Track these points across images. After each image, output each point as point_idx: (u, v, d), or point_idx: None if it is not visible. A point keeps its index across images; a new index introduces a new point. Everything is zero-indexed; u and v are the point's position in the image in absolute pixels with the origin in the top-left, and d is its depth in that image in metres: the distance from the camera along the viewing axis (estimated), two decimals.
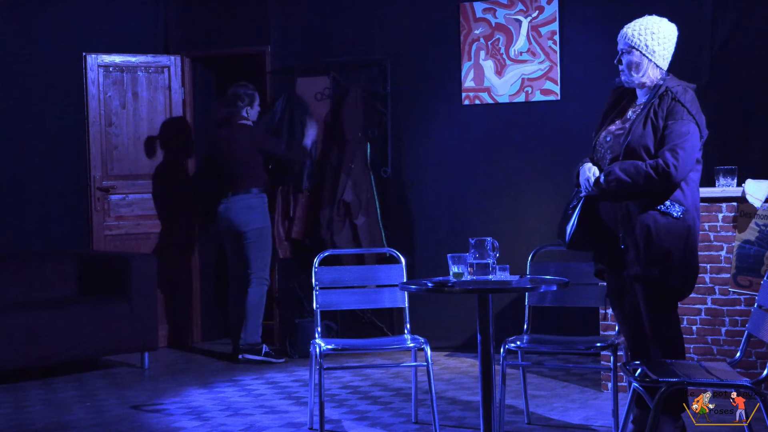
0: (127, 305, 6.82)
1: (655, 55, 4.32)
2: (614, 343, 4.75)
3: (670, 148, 4.18)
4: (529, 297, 5.20)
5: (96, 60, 7.67)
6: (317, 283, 5.18)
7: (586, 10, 6.92)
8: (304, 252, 7.43)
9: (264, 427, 5.20)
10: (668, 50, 4.36)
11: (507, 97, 7.13)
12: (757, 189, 5.40)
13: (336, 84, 7.53)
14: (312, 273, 5.20)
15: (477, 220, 7.17)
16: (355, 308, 5.43)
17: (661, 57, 4.33)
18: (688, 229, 4.27)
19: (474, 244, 4.19)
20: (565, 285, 4.26)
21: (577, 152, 6.55)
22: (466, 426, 5.14)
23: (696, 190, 4.33)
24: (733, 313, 5.49)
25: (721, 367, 4.13)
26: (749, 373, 5.18)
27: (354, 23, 7.58)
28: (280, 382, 6.34)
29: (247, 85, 7.19)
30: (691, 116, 4.21)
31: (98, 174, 7.69)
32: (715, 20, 6.49)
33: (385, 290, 5.34)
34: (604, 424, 5.04)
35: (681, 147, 4.17)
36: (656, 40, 4.33)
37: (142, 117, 7.83)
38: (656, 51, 4.32)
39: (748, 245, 5.46)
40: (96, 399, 6.01)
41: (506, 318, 6.64)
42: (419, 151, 7.41)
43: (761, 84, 6.38)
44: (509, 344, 4.88)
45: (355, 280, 5.35)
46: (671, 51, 4.37)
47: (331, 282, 5.26)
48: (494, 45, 7.14)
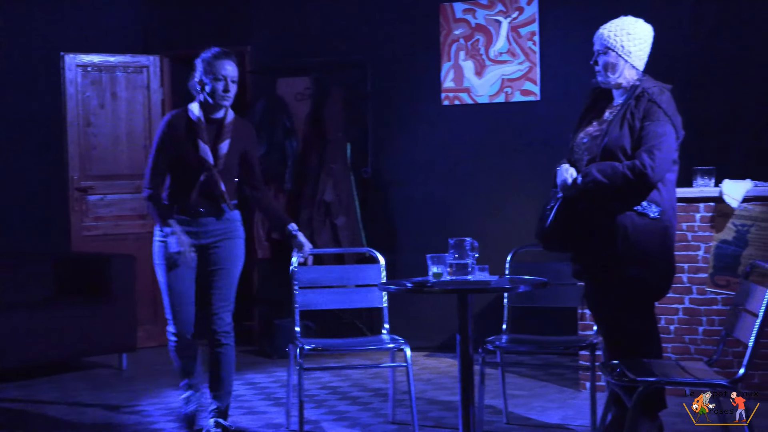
0: (106, 306, 6.79)
1: (631, 56, 4.33)
2: (592, 343, 4.78)
3: (647, 149, 4.19)
4: (508, 297, 5.22)
5: (74, 60, 7.64)
6: (296, 282, 5.17)
7: (565, 11, 6.95)
8: (284, 252, 7.41)
9: (243, 429, 5.19)
10: (644, 51, 4.38)
11: (487, 97, 7.14)
12: (734, 189, 5.43)
13: (317, 84, 7.52)
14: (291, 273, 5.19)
15: (456, 221, 7.18)
16: (335, 308, 5.42)
17: (637, 58, 4.35)
18: (665, 230, 4.28)
19: (453, 245, 4.20)
20: (543, 285, 4.28)
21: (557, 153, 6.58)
22: (445, 426, 5.15)
23: (673, 191, 4.35)
24: (711, 313, 5.53)
25: (699, 367, 4.16)
26: (726, 373, 5.21)
27: (335, 23, 7.58)
28: (260, 383, 6.33)
29: None
30: (667, 117, 4.23)
31: (76, 174, 7.66)
32: (693, 21, 6.53)
33: (363, 290, 5.34)
34: (583, 424, 5.06)
35: (657, 148, 4.19)
36: (632, 41, 4.33)
37: (120, 117, 7.81)
38: (632, 52, 4.33)
39: (726, 245, 5.49)
40: (74, 400, 5.98)
41: (485, 318, 6.65)
42: (399, 152, 7.42)
43: (739, 85, 6.43)
44: (488, 344, 4.89)
45: (334, 280, 5.34)
46: (647, 52, 4.39)
47: (311, 282, 5.25)
48: (474, 45, 7.16)
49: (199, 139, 4.82)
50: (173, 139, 4.83)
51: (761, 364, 5.38)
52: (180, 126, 4.84)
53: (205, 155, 4.81)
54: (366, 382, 6.28)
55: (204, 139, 4.82)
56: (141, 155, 7.85)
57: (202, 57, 4.85)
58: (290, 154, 7.39)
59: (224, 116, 4.89)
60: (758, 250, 5.39)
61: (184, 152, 4.82)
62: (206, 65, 4.82)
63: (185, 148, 4.82)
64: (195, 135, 4.83)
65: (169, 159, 4.84)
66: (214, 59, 4.81)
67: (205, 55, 4.85)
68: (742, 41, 6.42)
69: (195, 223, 4.88)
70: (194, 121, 4.84)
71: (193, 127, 4.84)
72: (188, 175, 4.83)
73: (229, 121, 4.90)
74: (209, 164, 4.82)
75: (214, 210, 4.89)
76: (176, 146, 4.83)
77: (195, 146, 4.81)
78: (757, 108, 6.38)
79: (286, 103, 7.54)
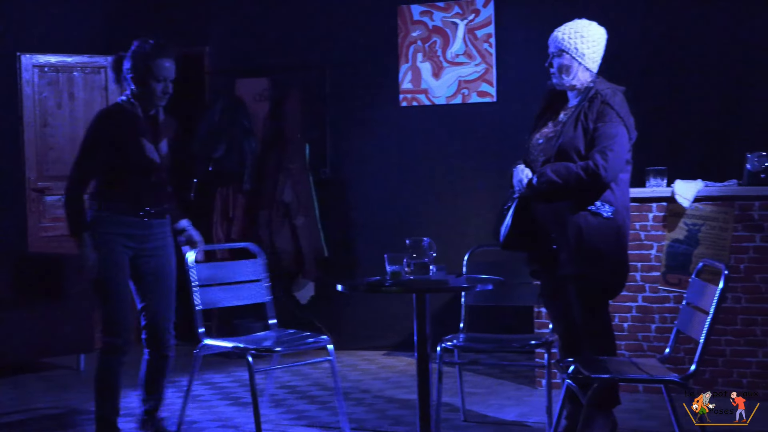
0: (63, 307, 6.75)
1: (585, 58, 4.42)
2: (548, 341, 4.85)
3: (600, 149, 4.28)
4: (465, 296, 5.27)
5: (31, 60, 7.59)
6: (196, 281, 4.97)
7: (521, 13, 7.02)
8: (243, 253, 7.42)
9: (202, 428, 5.21)
10: (597, 53, 4.46)
11: (444, 98, 7.21)
12: (685, 189, 5.53)
13: (275, 85, 7.54)
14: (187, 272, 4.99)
15: (414, 220, 7.23)
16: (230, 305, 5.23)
17: (590, 60, 4.43)
18: (619, 229, 4.37)
19: (411, 244, 4.24)
20: (500, 284, 4.33)
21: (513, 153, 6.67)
22: (403, 424, 5.19)
23: (626, 191, 4.44)
24: (663, 311, 5.63)
25: (652, 363, 4.25)
26: (678, 369, 5.31)
27: (293, 25, 7.60)
28: (219, 383, 6.34)
29: None
30: (620, 119, 4.32)
31: (33, 175, 7.61)
32: (646, 24, 6.64)
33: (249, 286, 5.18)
34: (539, 421, 5.13)
35: (610, 149, 4.27)
36: (585, 43, 4.41)
37: (78, 118, 7.77)
38: (586, 54, 4.41)
39: (677, 244, 5.60)
40: (31, 401, 5.95)
41: (443, 317, 6.70)
42: (358, 152, 7.45)
43: (691, 87, 6.53)
44: (446, 343, 4.94)
45: (227, 276, 5.15)
46: (601, 54, 4.47)
47: (208, 279, 5.05)
48: (431, 47, 7.22)
49: (143, 138, 4.54)
50: (113, 137, 4.50)
51: (712, 360, 5.50)
52: (119, 123, 4.52)
53: (152, 155, 4.55)
54: (325, 381, 6.30)
55: (148, 138, 4.56)
56: None
57: (139, 50, 4.52)
58: (249, 154, 7.40)
59: (157, 113, 4.66)
60: (709, 249, 5.50)
61: (127, 151, 4.51)
62: (143, 62, 4.50)
63: (127, 147, 4.50)
64: (137, 133, 4.53)
65: (105, 158, 4.52)
66: (153, 56, 4.51)
67: (142, 49, 4.53)
68: (692, 44, 6.53)
69: (141, 225, 4.61)
70: (137, 119, 4.55)
71: (134, 125, 4.54)
72: (132, 175, 4.54)
73: (162, 119, 4.68)
74: (156, 164, 4.58)
75: (160, 212, 4.68)
76: (117, 145, 4.50)
77: (139, 145, 4.52)
78: (707, 110, 6.49)
79: (245, 104, 7.54)
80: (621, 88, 4.47)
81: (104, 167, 4.55)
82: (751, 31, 6.40)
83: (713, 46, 6.49)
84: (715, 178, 5.78)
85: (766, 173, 5.48)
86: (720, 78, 6.46)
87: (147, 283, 4.69)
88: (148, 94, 4.56)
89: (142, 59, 4.53)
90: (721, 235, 5.49)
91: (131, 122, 4.57)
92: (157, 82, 4.54)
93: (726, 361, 5.49)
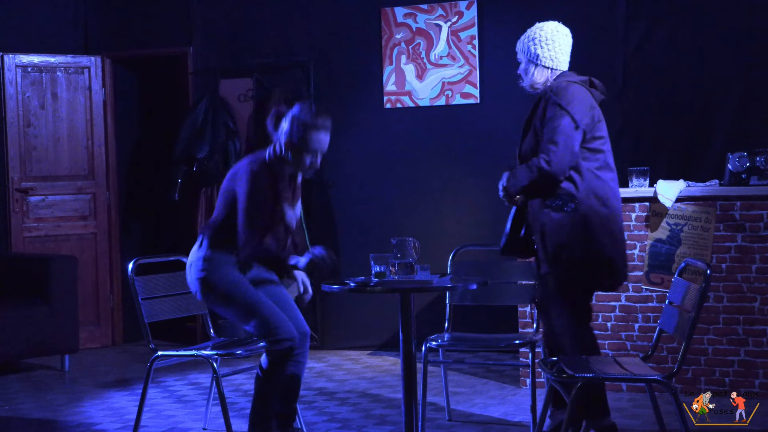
0: (47, 307, 6.74)
1: (540, 59, 4.48)
2: (532, 340, 4.88)
3: (543, 144, 4.30)
4: (449, 296, 5.29)
5: (14, 60, 7.57)
6: (139, 293, 4.80)
7: (504, 16, 7.05)
8: None
9: (187, 429, 5.21)
10: (555, 50, 4.49)
11: (428, 100, 7.23)
12: (668, 189, 5.58)
13: (259, 86, 7.55)
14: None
15: (399, 221, 7.25)
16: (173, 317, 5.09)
17: (546, 59, 4.48)
18: (585, 219, 4.30)
19: (396, 244, 4.25)
20: (484, 284, 4.35)
21: (496, 154, 6.72)
22: (388, 423, 5.21)
23: (594, 179, 4.35)
24: (646, 310, 5.67)
25: (635, 362, 4.27)
26: (661, 368, 5.36)
27: (277, 25, 7.61)
28: (203, 383, 6.34)
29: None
30: (563, 111, 4.28)
31: (17, 175, 7.59)
32: (627, 24, 6.68)
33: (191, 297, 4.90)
34: (523, 420, 5.16)
35: (552, 141, 4.26)
36: (537, 44, 4.48)
37: (61, 118, 7.76)
38: (539, 54, 4.47)
39: (660, 244, 5.64)
40: (14, 402, 5.94)
41: (428, 316, 6.73)
42: (342, 153, 7.46)
43: (672, 87, 6.58)
44: (430, 342, 4.95)
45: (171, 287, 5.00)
46: (561, 50, 4.49)
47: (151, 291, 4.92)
48: (415, 49, 7.24)
49: (284, 201, 4.46)
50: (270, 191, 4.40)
51: (694, 359, 5.54)
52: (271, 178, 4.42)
53: (290, 221, 4.51)
54: (310, 381, 6.32)
55: (288, 201, 4.47)
56: (82, 156, 7.81)
57: (301, 116, 4.43)
58: (233, 154, 7.40)
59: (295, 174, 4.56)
60: (691, 249, 5.54)
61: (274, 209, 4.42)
62: (304, 130, 4.41)
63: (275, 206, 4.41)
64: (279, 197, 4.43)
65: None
66: (313, 128, 4.41)
67: (304, 115, 4.43)
68: (674, 44, 6.58)
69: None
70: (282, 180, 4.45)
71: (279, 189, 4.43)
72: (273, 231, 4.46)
73: (299, 181, 4.60)
74: (291, 229, 4.53)
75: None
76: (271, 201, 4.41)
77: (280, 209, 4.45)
78: (690, 111, 6.54)
79: (228, 104, 7.55)
80: (580, 79, 4.46)
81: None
82: (733, 31, 6.45)
83: (695, 45, 6.53)
84: (697, 179, 5.83)
85: (747, 173, 5.54)
86: (702, 78, 6.50)
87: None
88: (296, 163, 4.47)
89: (302, 127, 4.43)
90: (703, 234, 5.53)
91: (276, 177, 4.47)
92: (309, 154, 4.46)
93: (708, 360, 5.54)
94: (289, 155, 4.45)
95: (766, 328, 5.43)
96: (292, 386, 4.60)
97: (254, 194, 4.36)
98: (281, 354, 4.43)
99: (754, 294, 5.45)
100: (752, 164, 5.54)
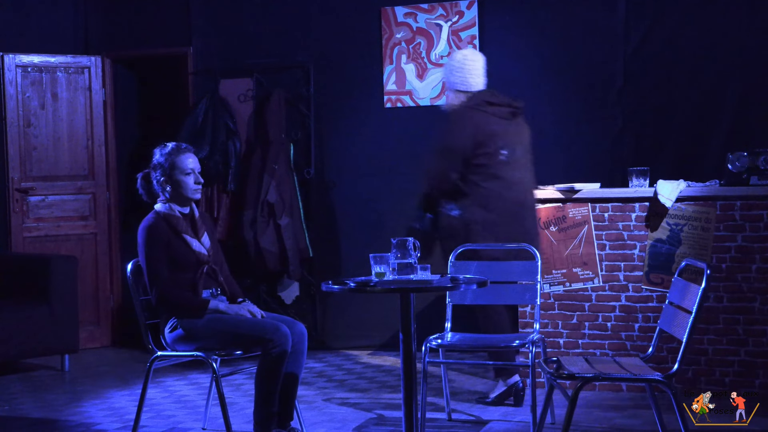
0: (47, 307, 6.74)
1: (450, 83, 5.41)
2: (533, 341, 4.88)
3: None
4: (450, 296, 5.30)
5: (14, 60, 7.57)
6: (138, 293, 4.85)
7: (505, 16, 7.05)
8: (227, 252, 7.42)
9: (187, 429, 5.21)
10: (463, 74, 5.38)
11: (428, 100, 7.23)
12: (668, 189, 5.58)
13: (259, 86, 7.56)
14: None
15: (399, 221, 7.25)
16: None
17: (457, 83, 5.40)
18: (468, 223, 5.26)
19: (396, 244, 4.25)
20: (484, 284, 4.36)
21: None
22: (388, 423, 5.21)
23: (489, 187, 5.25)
24: (646, 310, 5.67)
25: (635, 362, 4.28)
26: (661, 368, 5.35)
27: (277, 25, 7.61)
28: (203, 383, 6.34)
29: None
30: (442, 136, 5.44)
31: (17, 175, 7.60)
32: (628, 25, 6.68)
33: None
34: (523, 419, 5.17)
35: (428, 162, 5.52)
36: (448, 69, 5.48)
37: (62, 118, 7.76)
38: (450, 79, 5.41)
39: (660, 244, 5.64)
40: (14, 402, 5.94)
41: (428, 316, 6.73)
42: (342, 153, 7.47)
43: (672, 88, 6.58)
44: (431, 342, 4.95)
45: None
46: (469, 73, 5.36)
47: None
48: (415, 49, 7.25)
49: (185, 234, 4.72)
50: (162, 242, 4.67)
51: (694, 359, 5.54)
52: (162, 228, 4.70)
53: (200, 249, 4.73)
54: (310, 380, 6.32)
55: (190, 234, 4.73)
56: (82, 156, 7.81)
57: (160, 156, 4.76)
58: (233, 155, 7.41)
59: (191, 211, 4.83)
60: (691, 249, 5.54)
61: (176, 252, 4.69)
62: (170, 162, 4.73)
63: (176, 248, 4.68)
64: (180, 232, 4.71)
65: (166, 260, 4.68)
66: (176, 155, 4.74)
67: (162, 153, 4.76)
68: (674, 45, 6.58)
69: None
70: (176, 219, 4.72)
71: (176, 225, 4.72)
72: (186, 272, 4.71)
73: (198, 215, 4.86)
74: (204, 257, 4.75)
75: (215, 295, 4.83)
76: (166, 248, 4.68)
77: (185, 243, 4.71)
78: (690, 111, 6.54)
79: (228, 105, 7.55)
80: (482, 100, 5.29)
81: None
82: (734, 32, 6.45)
83: (694, 45, 6.53)
84: (697, 179, 5.82)
85: (747, 173, 5.53)
86: (702, 78, 6.50)
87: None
88: (181, 188, 4.77)
89: (167, 157, 4.77)
90: (703, 234, 5.53)
91: (170, 223, 4.73)
92: (187, 175, 4.77)
93: (708, 360, 5.54)
94: (168, 190, 4.76)
95: (766, 328, 5.43)
96: (290, 385, 4.67)
97: (149, 251, 4.67)
98: (276, 358, 4.55)
99: (754, 294, 5.45)
100: (752, 164, 5.54)
